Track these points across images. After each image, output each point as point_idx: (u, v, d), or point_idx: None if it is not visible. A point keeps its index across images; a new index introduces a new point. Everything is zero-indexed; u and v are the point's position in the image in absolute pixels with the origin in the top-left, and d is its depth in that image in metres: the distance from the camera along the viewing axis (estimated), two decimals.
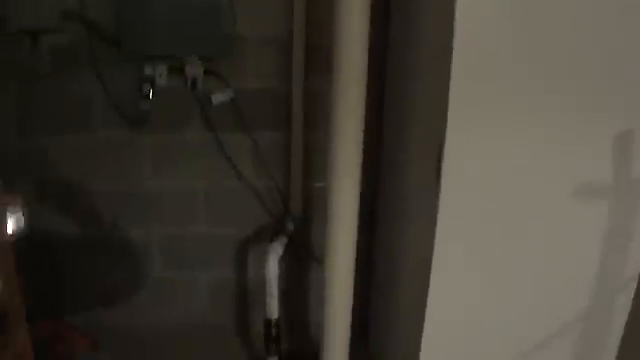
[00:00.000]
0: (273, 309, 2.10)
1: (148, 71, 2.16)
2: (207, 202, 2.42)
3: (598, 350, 2.07)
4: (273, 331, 2.14)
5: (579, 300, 1.95)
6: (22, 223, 1.77)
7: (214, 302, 2.60)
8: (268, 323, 2.13)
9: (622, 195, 1.83)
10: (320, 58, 2.18)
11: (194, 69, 2.15)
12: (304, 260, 2.53)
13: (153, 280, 2.54)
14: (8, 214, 1.73)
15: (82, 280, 2.51)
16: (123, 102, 2.27)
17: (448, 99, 1.59)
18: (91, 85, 2.23)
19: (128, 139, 2.33)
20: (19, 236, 1.95)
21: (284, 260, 2.09)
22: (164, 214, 2.43)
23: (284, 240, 2.17)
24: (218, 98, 2.20)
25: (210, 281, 2.56)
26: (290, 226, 2.32)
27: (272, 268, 2.04)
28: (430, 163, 1.72)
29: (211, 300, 2.60)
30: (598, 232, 1.86)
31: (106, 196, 2.38)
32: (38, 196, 2.33)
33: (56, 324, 2.43)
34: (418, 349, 1.88)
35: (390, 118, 2.21)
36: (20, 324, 1.55)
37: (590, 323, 2.00)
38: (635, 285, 1.97)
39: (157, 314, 2.59)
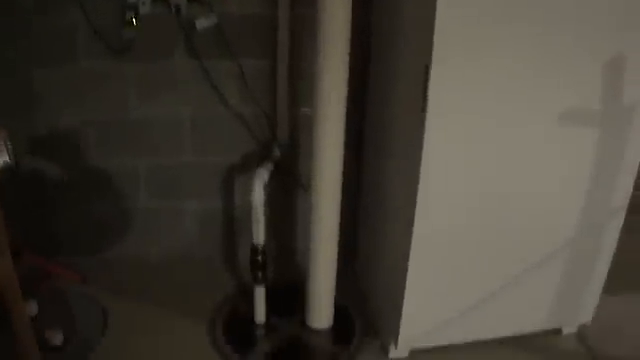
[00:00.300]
0: (259, 235, 2.10)
1: None
2: (193, 131, 2.40)
3: (587, 276, 2.12)
4: (260, 258, 2.15)
5: (567, 227, 1.99)
6: (7, 157, 1.75)
7: (201, 232, 2.61)
8: (254, 250, 2.14)
9: (612, 122, 1.83)
10: None
11: None
12: (290, 187, 2.54)
13: (140, 211, 2.55)
14: None
15: (68, 214, 2.51)
16: (107, 31, 2.21)
17: (434, 22, 1.57)
18: (74, 15, 2.17)
19: (113, 68, 2.28)
20: (4, 169, 1.95)
21: (271, 187, 2.08)
22: (150, 144, 2.41)
23: (270, 166, 2.17)
24: (202, 24, 2.16)
25: (197, 211, 2.57)
26: (276, 152, 2.32)
27: (258, 194, 2.04)
28: (417, 87, 1.71)
29: (198, 230, 2.61)
30: (588, 159, 1.88)
31: (91, 126, 2.36)
32: (23, 130, 2.30)
33: (44, 260, 2.44)
34: (406, 265, 1.91)
35: (377, 43, 2.18)
36: (3, 252, 1.56)
37: (578, 251, 2.05)
38: (624, 214, 2.01)
39: (144, 245, 2.61)
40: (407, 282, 1.93)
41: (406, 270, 1.91)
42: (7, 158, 1.85)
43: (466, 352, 2.15)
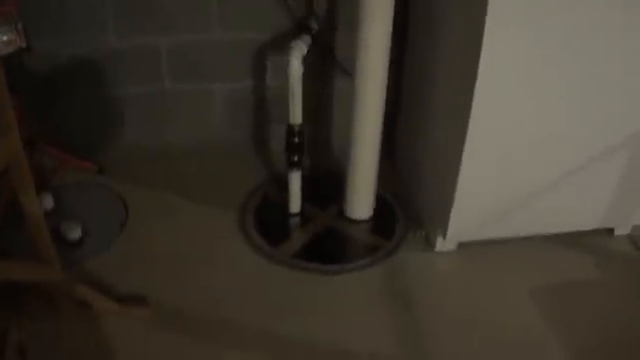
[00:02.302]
0: (296, 113, 1.90)
1: None
2: (221, 4, 2.18)
3: None
4: (296, 139, 1.95)
5: (629, 123, 1.81)
6: (18, 39, 1.68)
7: (230, 117, 2.44)
8: (291, 130, 1.94)
9: None
10: None
11: None
12: (328, 67, 2.33)
13: (162, 95, 2.36)
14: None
15: (84, 100, 2.33)
16: None
17: None
18: None
19: None
20: (16, 48, 1.77)
21: (306, 66, 1.87)
22: (174, 20, 2.20)
23: (308, 39, 1.94)
24: None
25: (226, 93, 2.38)
26: (314, 25, 2.08)
27: (295, 67, 1.82)
28: None
29: (227, 114, 2.43)
30: None
31: (110, 2, 2.14)
32: (36, 9, 2.08)
33: (59, 149, 2.29)
34: (459, 155, 1.74)
35: None
36: (11, 127, 1.37)
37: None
38: None
39: (168, 132, 2.45)
40: (460, 173, 1.78)
41: (459, 160, 1.76)
42: (19, 42, 1.72)
43: (513, 247, 2.03)
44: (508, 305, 1.85)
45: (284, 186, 2.10)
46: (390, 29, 1.77)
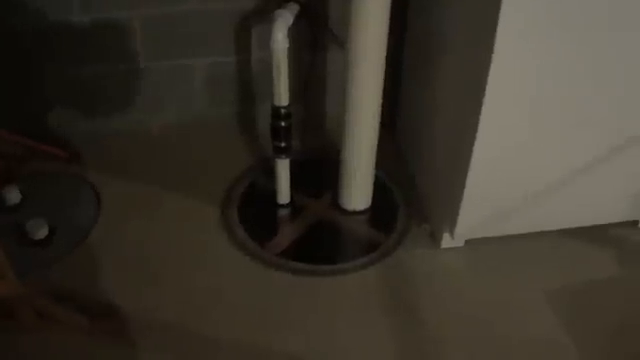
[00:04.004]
0: (282, 94, 1.69)
1: None
2: None
3: None
4: (283, 123, 1.74)
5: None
6: None
7: (213, 94, 2.24)
8: (276, 113, 1.73)
9: None
10: None
11: None
12: (318, 37, 2.12)
13: (137, 73, 2.15)
14: None
15: (53, 80, 2.13)
16: None
17: None
18: None
19: None
20: None
21: (293, 37, 1.66)
22: None
23: (295, 8, 1.71)
24: None
25: (207, 70, 2.17)
26: None
27: (280, 40, 1.60)
28: None
29: (209, 92, 2.23)
30: None
31: None
32: None
33: (25, 137, 2.06)
34: (471, 145, 1.54)
35: None
36: None
37: None
38: None
39: (145, 114, 2.25)
40: (471, 164, 1.58)
41: (471, 151, 1.55)
42: None
43: (526, 243, 1.84)
44: (522, 308, 1.69)
45: (271, 172, 1.90)
46: None
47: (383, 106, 1.77)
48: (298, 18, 1.73)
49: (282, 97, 1.70)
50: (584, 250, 1.85)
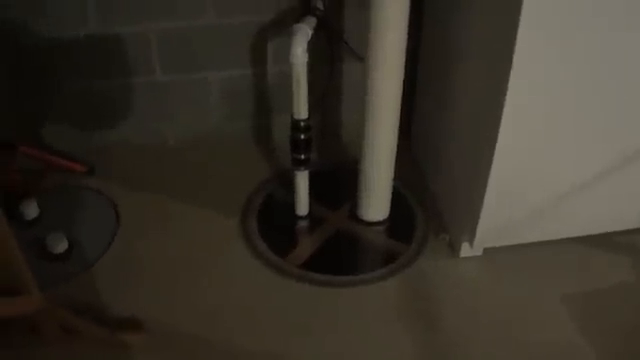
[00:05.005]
0: (302, 107, 1.69)
1: None
2: None
3: None
4: (302, 136, 1.75)
5: None
6: None
7: (230, 107, 2.24)
8: (296, 125, 1.73)
9: None
10: None
11: None
12: (335, 48, 2.11)
13: (154, 86, 2.15)
14: None
15: (69, 94, 2.12)
16: None
17: None
18: None
19: None
20: None
21: (311, 50, 1.67)
22: (163, 5, 1.99)
23: (312, 21, 1.72)
24: None
25: (223, 83, 2.17)
26: (320, 5, 1.85)
27: (299, 54, 1.60)
28: None
29: (226, 104, 2.23)
30: None
31: None
32: None
33: (43, 151, 2.11)
34: (491, 154, 1.54)
35: None
36: None
37: None
38: None
39: (162, 126, 2.25)
40: (490, 174, 1.57)
41: (491, 161, 1.55)
42: None
43: (543, 251, 1.83)
44: (540, 313, 1.69)
45: (289, 184, 1.90)
46: (408, 4, 1.55)
47: (400, 113, 1.77)
48: (316, 31, 1.74)
49: (301, 110, 1.71)
50: (601, 257, 1.85)
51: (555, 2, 1.29)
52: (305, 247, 1.85)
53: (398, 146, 1.82)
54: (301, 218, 1.94)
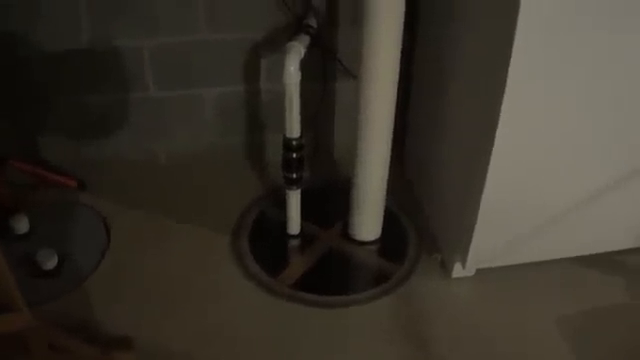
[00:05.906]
0: (294, 126, 1.69)
1: None
2: (208, 1, 1.97)
3: None
4: (294, 155, 1.74)
5: None
6: None
7: (222, 123, 2.24)
8: (288, 145, 1.73)
9: None
10: None
11: None
12: (328, 67, 2.12)
13: (146, 102, 2.15)
14: None
15: (61, 108, 2.12)
16: None
17: None
18: None
19: None
20: None
21: (303, 67, 1.67)
22: (157, 21, 1.99)
23: (305, 39, 1.72)
24: None
25: (216, 100, 2.18)
26: (313, 23, 1.85)
27: (292, 72, 1.60)
28: None
29: (218, 121, 2.23)
30: None
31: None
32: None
33: (33, 166, 2.10)
34: (483, 176, 1.54)
35: None
36: None
37: None
38: None
39: (154, 142, 2.25)
40: (483, 195, 1.57)
41: (483, 181, 1.55)
42: None
43: (536, 271, 1.83)
44: (534, 335, 1.68)
45: (281, 201, 1.89)
46: (402, 24, 1.55)
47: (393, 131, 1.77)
48: (309, 49, 1.74)
49: (294, 129, 1.70)
50: (595, 277, 1.85)
51: (549, 23, 1.29)
52: (296, 267, 1.84)
53: (391, 165, 1.82)
54: (293, 237, 1.93)
